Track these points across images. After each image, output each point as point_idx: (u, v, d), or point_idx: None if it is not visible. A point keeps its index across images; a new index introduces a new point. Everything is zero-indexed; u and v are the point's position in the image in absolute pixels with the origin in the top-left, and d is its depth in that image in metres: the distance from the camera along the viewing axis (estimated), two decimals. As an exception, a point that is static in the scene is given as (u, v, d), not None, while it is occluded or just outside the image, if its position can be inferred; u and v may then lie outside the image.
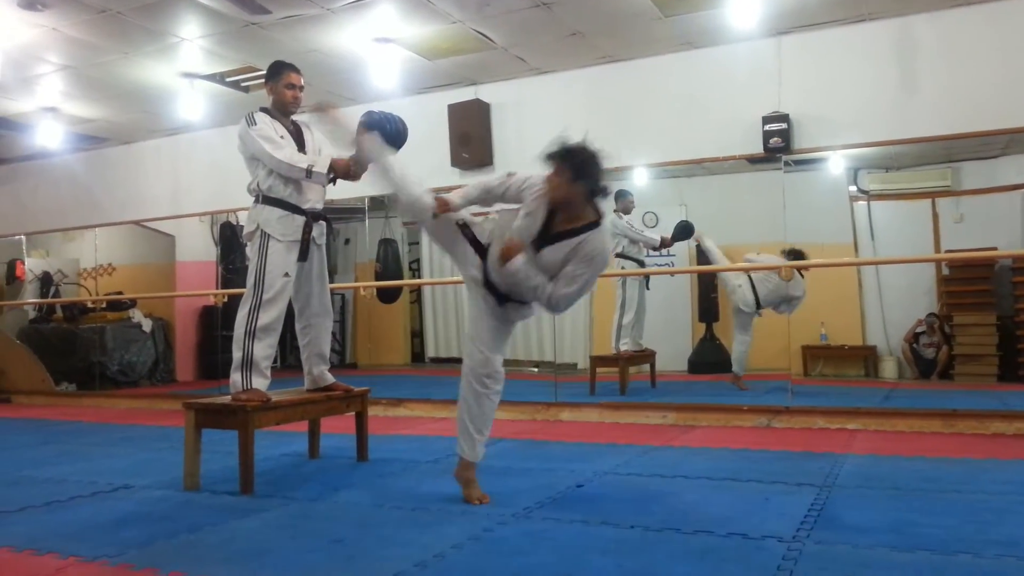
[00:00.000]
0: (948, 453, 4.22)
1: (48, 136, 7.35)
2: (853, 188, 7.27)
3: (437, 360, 9.46)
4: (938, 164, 6.84)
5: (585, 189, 3.02)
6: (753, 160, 6.05)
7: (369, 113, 3.65)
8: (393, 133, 3.56)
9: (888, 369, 7.17)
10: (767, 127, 5.58)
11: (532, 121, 6.46)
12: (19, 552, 2.75)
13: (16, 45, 5.58)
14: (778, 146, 5.56)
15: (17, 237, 9.36)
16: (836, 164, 6.88)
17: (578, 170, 2.99)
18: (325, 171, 3.85)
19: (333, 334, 4.45)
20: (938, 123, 5.29)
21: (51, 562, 2.61)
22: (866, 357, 7.33)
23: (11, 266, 9.36)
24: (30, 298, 9.46)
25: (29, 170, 9.05)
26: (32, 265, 9.50)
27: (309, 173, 3.84)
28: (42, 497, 3.61)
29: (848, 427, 5.14)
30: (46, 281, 9.53)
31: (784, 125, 5.54)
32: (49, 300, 9.47)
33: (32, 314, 9.64)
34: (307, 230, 3.98)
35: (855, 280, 7.26)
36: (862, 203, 7.27)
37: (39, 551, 2.74)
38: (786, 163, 5.87)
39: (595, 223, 3.08)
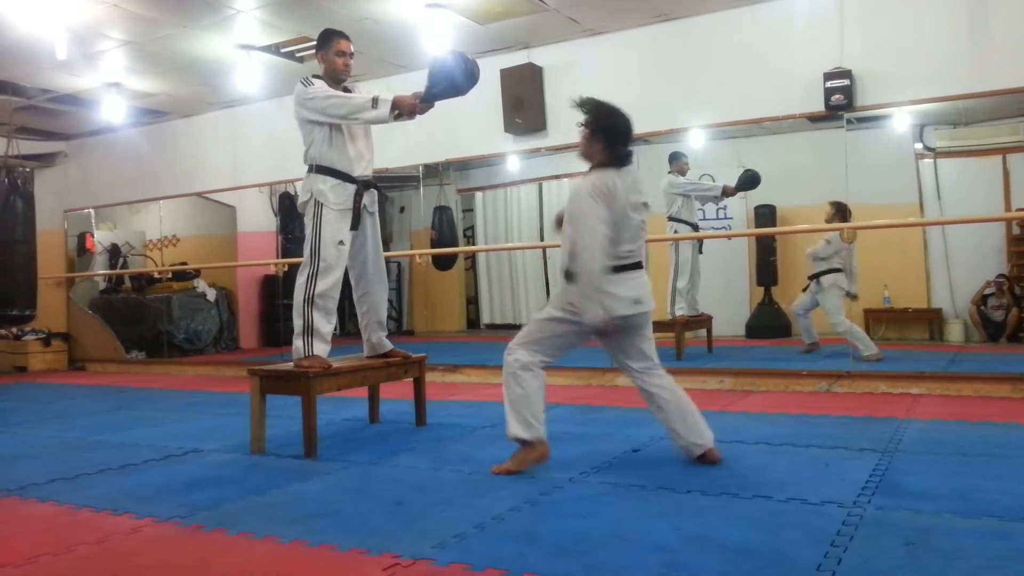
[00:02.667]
0: (1017, 418, 4.10)
1: (112, 111, 7.54)
2: (919, 146, 7.03)
3: (492, 326, 9.53)
4: (1010, 119, 6.56)
5: (602, 141, 3.25)
6: (814, 119, 5.89)
7: (435, 60, 3.77)
8: (466, 75, 3.72)
9: (954, 332, 6.97)
10: (828, 84, 5.41)
11: (586, 84, 6.32)
12: (98, 512, 2.89)
13: (80, 22, 5.72)
14: (840, 103, 5.39)
15: (86, 211, 9.69)
16: (901, 121, 6.66)
17: (594, 125, 3.27)
18: (390, 100, 3.80)
19: (390, 301, 4.51)
20: (1010, 75, 5.04)
21: (128, 522, 2.74)
22: (931, 320, 7.15)
23: (81, 239, 9.70)
24: (100, 269, 9.80)
25: (95, 145, 9.32)
26: (101, 238, 9.83)
27: (375, 103, 3.79)
28: (118, 460, 3.78)
29: (911, 392, 5.03)
30: (114, 253, 9.86)
31: (846, 81, 5.36)
32: (118, 271, 9.80)
33: (102, 285, 10.01)
34: (358, 198, 4.03)
35: (920, 241, 7.06)
36: (928, 161, 7.03)
37: (116, 511, 2.87)
38: (848, 121, 5.70)
39: (594, 167, 3.26)
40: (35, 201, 7.86)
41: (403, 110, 3.82)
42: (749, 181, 6.73)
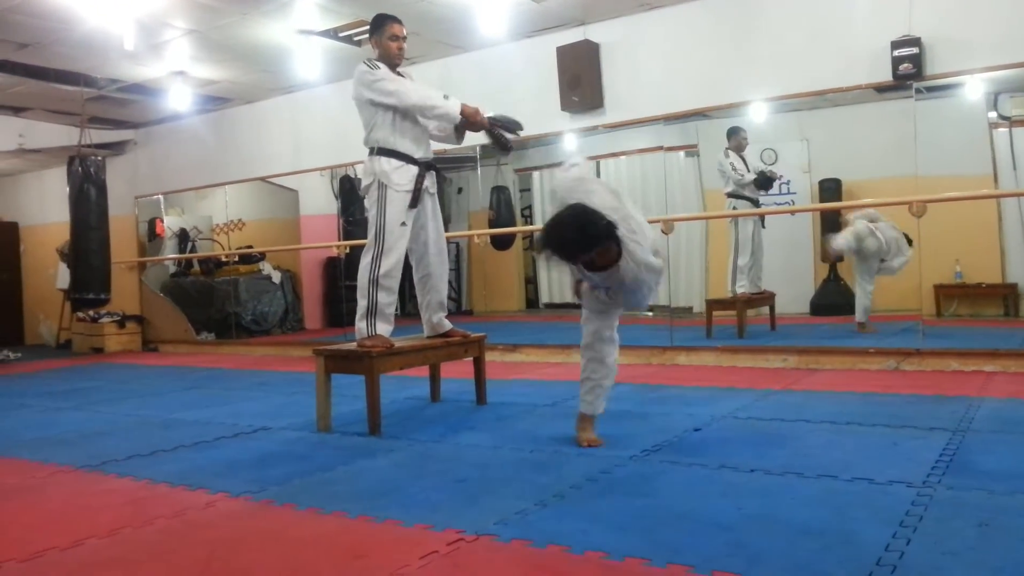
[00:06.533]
0: (1098, 396, 3.95)
1: (178, 99, 7.74)
2: (993, 114, 6.74)
3: (551, 306, 9.52)
4: (1092, 84, 6.24)
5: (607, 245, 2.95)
6: (881, 89, 5.70)
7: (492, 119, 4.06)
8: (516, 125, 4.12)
9: (1031, 308, 6.70)
10: (896, 52, 5.23)
11: (644, 60, 6.30)
12: (174, 487, 3.00)
13: (146, 13, 5.88)
14: (909, 72, 5.21)
15: (156, 197, 9.99)
16: (974, 89, 6.38)
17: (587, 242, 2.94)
18: (459, 102, 3.98)
19: (449, 282, 4.55)
20: (1093, 38, 4.81)
21: (202, 497, 2.84)
22: (1006, 296, 6.88)
23: (151, 224, 10.02)
24: (169, 254, 10.11)
25: (162, 133, 9.59)
26: (170, 223, 10.14)
27: (447, 96, 3.97)
28: (191, 438, 3.92)
29: (985, 369, 4.88)
30: (183, 237, 10.16)
31: (915, 49, 5.18)
32: (187, 255, 10.10)
33: (172, 269, 10.32)
34: (419, 179, 4.07)
35: (994, 214, 6.78)
36: (1003, 130, 6.74)
37: (191, 487, 2.98)
38: (917, 90, 5.50)
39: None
40: (107, 188, 8.16)
41: (466, 115, 4.01)
42: (763, 184, 6.73)
